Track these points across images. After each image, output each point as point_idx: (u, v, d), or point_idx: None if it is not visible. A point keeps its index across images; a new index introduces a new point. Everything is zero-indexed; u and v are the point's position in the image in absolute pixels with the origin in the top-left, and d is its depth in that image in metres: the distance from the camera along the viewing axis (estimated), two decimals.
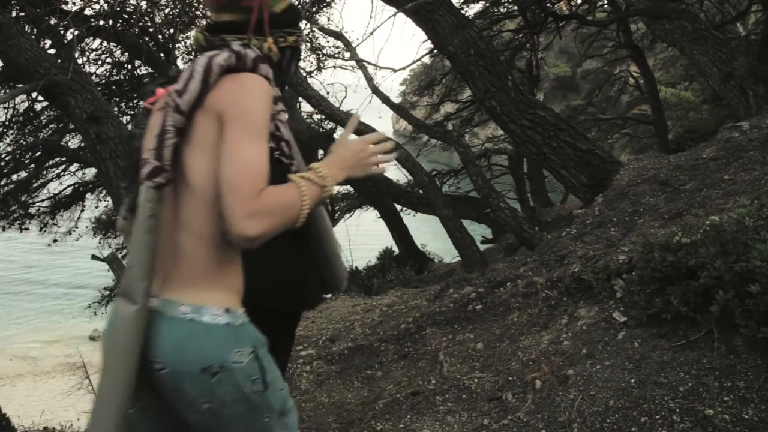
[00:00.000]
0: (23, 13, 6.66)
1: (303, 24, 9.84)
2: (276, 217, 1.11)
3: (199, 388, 1.18)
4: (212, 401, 1.20)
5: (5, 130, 8.15)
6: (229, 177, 1.10)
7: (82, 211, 10.02)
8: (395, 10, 5.60)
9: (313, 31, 10.03)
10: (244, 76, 1.19)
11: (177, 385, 1.19)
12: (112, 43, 7.90)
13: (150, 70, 8.84)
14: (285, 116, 1.26)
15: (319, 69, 10.24)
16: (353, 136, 1.39)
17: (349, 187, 9.32)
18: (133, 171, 1.29)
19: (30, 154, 8.76)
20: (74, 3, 7.18)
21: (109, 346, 1.20)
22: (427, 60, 13.22)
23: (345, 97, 9.26)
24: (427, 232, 13.78)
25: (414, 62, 7.49)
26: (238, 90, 1.17)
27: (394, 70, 6.00)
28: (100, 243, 10.46)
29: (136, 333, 1.16)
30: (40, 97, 7.47)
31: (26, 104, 8.18)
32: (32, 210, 9.51)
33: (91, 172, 9.42)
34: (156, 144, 1.17)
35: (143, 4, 7.84)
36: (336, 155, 1.29)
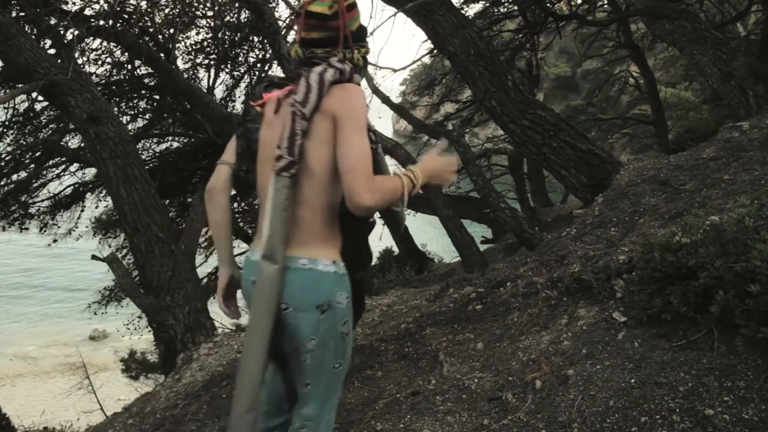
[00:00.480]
0: (23, 13, 6.66)
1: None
2: (385, 197, 1.51)
3: (312, 323, 1.60)
4: (317, 337, 1.61)
5: (5, 130, 8.15)
6: (350, 163, 1.49)
7: (82, 211, 10.01)
8: (395, 10, 5.59)
9: None
10: (348, 86, 1.61)
11: (296, 320, 1.60)
12: (112, 43, 7.90)
13: (150, 70, 8.84)
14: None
15: None
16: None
17: None
18: (251, 158, 1.75)
19: (30, 154, 8.76)
20: (74, 3, 7.19)
21: (256, 299, 1.59)
22: (427, 60, 13.25)
23: None
24: (427, 232, 13.79)
25: (414, 62, 7.49)
26: (346, 97, 1.59)
27: (394, 70, 6.01)
28: (100, 243, 10.46)
29: (277, 285, 1.57)
30: (40, 97, 7.47)
31: (26, 104, 8.18)
32: (32, 210, 9.51)
33: (91, 172, 9.42)
34: (288, 144, 1.56)
35: (143, 4, 7.85)
36: (427, 163, 1.67)
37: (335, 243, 1.67)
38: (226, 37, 9.25)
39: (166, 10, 8.30)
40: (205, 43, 9.24)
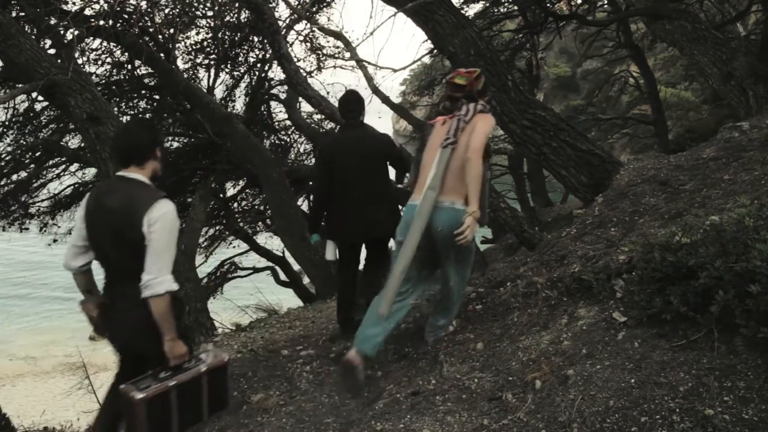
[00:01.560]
0: (23, 13, 6.66)
1: (304, 24, 9.85)
2: (479, 164, 2.86)
3: (451, 237, 2.84)
4: (454, 244, 2.85)
5: (5, 130, 8.15)
6: (475, 145, 2.86)
7: None
8: (395, 10, 5.58)
9: (313, 31, 10.04)
10: (486, 115, 3.06)
11: (444, 235, 2.89)
12: (112, 43, 7.90)
13: (150, 70, 8.84)
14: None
15: (319, 69, 10.25)
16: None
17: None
18: (421, 152, 3.17)
19: (30, 154, 8.77)
20: (74, 3, 7.19)
21: (416, 216, 2.87)
22: (427, 60, 13.24)
23: None
24: None
25: (414, 62, 7.46)
26: (484, 120, 3.01)
27: (394, 70, 5.98)
28: None
29: (431, 207, 2.88)
30: (40, 97, 7.47)
31: (26, 104, 8.18)
32: (32, 210, 9.51)
33: (91, 172, 9.42)
34: (453, 134, 2.96)
35: (143, 4, 7.84)
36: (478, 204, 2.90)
37: (463, 194, 2.89)
38: (226, 37, 9.25)
39: (166, 10, 8.29)
40: (205, 43, 9.24)
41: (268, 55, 9.58)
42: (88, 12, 7.06)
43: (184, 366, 2.56)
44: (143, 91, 9.55)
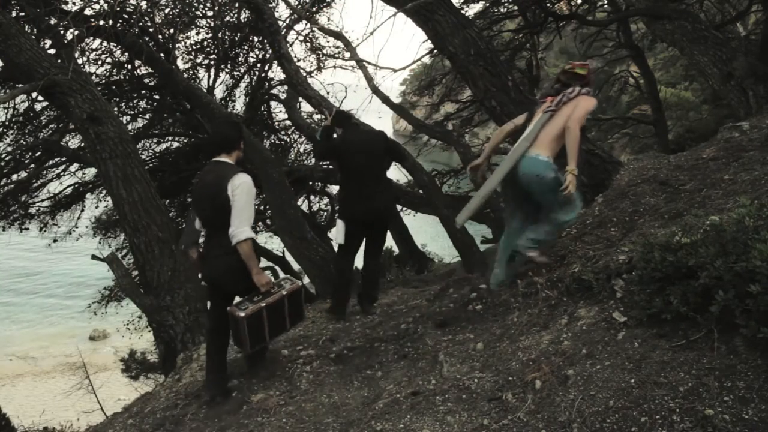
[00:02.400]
0: (23, 13, 6.66)
1: (304, 24, 9.85)
2: (577, 148, 3.35)
3: (537, 180, 3.39)
4: (539, 189, 3.42)
5: (5, 130, 8.15)
6: (576, 116, 3.37)
7: (82, 211, 10.00)
8: (395, 10, 5.59)
9: (313, 31, 10.04)
10: (590, 97, 3.53)
11: (529, 179, 3.42)
12: (112, 43, 7.90)
13: (150, 70, 8.84)
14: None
15: (319, 69, 10.25)
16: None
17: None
18: (529, 122, 3.63)
19: (30, 154, 8.76)
20: (74, 3, 7.19)
21: (506, 158, 3.50)
22: (427, 60, 13.22)
23: (345, 97, 9.24)
24: (427, 232, 13.78)
25: (414, 62, 7.44)
26: (588, 100, 3.49)
27: (394, 70, 5.97)
28: (100, 243, 10.45)
29: (520, 154, 3.45)
30: (40, 97, 7.47)
31: (26, 104, 8.18)
32: (32, 210, 9.50)
33: (91, 172, 9.42)
34: (555, 104, 3.49)
35: (143, 4, 7.85)
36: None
37: (550, 152, 3.41)
38: (226, 37, 9.26)
39: (166, 10, 8.30)
40: (205, 43, 9.24)
41: (268, 55, 9.59)
42: (88, 12, 7.07)
43: (270, 291, 3.43)
44: (143, 91, 9.55)
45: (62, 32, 6.63)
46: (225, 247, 3.30)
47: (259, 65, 9.94)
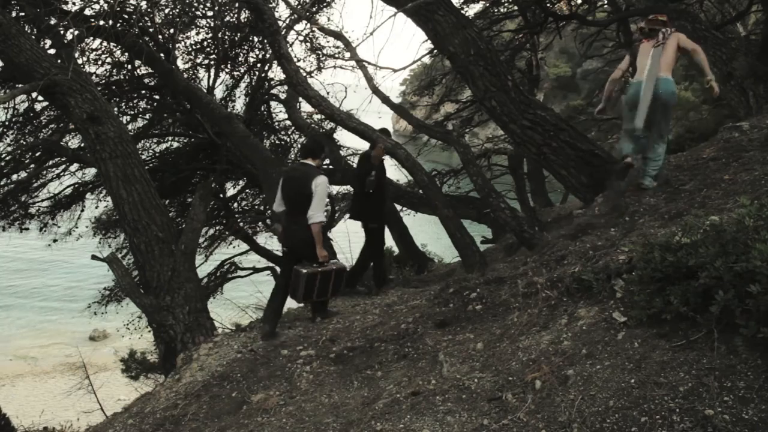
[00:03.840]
0: (23, 13, 6.66)
1: (304, 24, 9.85)
2: (706, 61, 4.54)
3: (672, 97, 4.43)
4: (674, 99, 4.52)
5: (5, 130, 8.15)
6: (688, 42, 4.55)
7: (82, 211, 9.99)
8: (395, 10, 5.59)
9: (313, 31, 10.03)
10: (678, 33, 4.62)
11: (668, 96, 4.37)
12: (112, 43, 7.89)
13: (150, 70, 8.84)
14: None
15: (319, 69, 10.24)
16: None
17: (349, 187, 9.30)
18: (635, 57, 4.64)
19: (30, 154, 8.75)
20: (74, 3, 7.19)
21: (647, 79, 4.38)
22: (427, 60, 13.23)
23: (345, 97, 9.24)
24: (427, 232, 13.78)
25: (414, 62, 7.45)
26: (677, 33, 4.61)
27: (394, 70, 5.98)
28: (100, 243, 10.44)
29: (656, 76, 4.36)
30: (40, 97, 7.46)
31: (26, 104, 8.17)
32: (32, 210, 9.49)
33: (91, 172, 9.41)
34: (661, 38, 4.50)
35: (143, 4, 7.85)
36: None
37: (670, 72, 4.30)
38: (226, 37, 9.25)
39: (166, 10, 8.29)
40: (205, 43, 9.23)
41: (268, 55, 9.58)
42: (88, 12, 7.07)
43: (325, 264, 4.59)
44: (143, 91, 9.55)
45: (62, 32, 6.63)
46: (302, 224, 4.50)
47: (259, 65, 9.93)
